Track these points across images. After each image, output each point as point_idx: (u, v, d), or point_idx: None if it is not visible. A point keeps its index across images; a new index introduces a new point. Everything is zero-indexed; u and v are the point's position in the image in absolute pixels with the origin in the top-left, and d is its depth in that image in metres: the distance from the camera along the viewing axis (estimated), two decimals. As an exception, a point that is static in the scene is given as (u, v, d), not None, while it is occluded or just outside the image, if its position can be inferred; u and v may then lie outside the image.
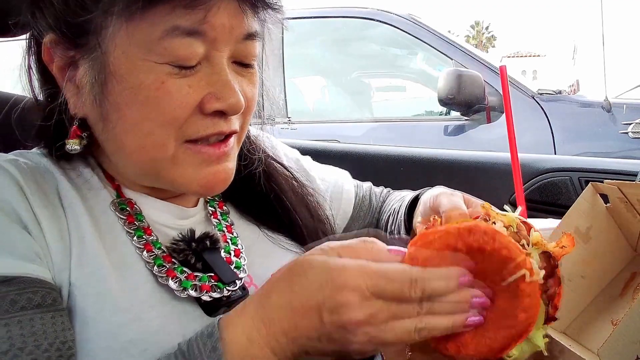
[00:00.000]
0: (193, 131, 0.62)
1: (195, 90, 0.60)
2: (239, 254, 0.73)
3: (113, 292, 0.60)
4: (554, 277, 0.52)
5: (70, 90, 0.63)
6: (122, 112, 0.60)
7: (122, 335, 0.58)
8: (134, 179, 0.69)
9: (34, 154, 0.69)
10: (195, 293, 0.64)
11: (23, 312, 0.54)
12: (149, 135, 0.61)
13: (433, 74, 3.08)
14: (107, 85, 0.60)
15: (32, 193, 0.60)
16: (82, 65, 0.61)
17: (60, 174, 0.66)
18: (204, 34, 0.59)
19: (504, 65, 0.80)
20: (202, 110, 0.61)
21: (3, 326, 0.52)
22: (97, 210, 0.66)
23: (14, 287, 0.54)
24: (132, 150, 0.62)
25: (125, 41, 0.58)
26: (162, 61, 0.58)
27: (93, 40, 0.59)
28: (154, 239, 0.67)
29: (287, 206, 0.82)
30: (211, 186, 0.65)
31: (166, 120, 0.60)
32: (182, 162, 0.63)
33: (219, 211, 0.79)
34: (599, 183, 0.71)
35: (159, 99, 0.59)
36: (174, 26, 0.57)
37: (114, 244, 0.64)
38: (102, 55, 0.59)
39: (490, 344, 0.51)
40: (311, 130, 2.85)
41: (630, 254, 0.74)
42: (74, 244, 0.61)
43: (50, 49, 0.63)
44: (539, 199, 1.30)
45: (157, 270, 0.64)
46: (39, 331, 0.54)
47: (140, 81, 0.58)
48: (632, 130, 2.35)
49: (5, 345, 0.52)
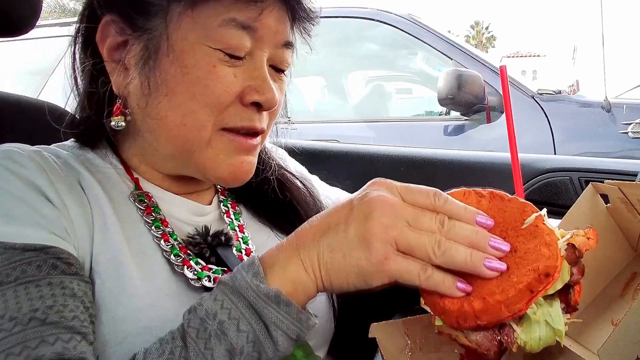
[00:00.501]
0: (230, 120, 0.67)
1: (239, 81, 0.66)
2: (250, 254, 0.75)
3: (131, 279, 0.62)
4: (578, 265, 0.52)
5: (115, 68, 0.68)
6: (170, 88, 0.65)
7: (138, 321, 0.60)
8: (161, 162, 0.72)
9: (54, 149, 0.71)
10: (209, 283, 0.66)
11: (52, 274, 0.55)
12: (191, 113, 0.65)
13: (433, 74, 3.08)
14: (162, 62, 0.65)
15: (57, 181, 0.63)
16: (134, 46, 0.67)
17: (81, 167, 0.69)
18: (255, 30, 0.65)
19: (504, 65, 0.80)
20: (242, 100, 0.67)
21: (34, 287, 0.53)
22: (117, 201, 0.68)
23: (43, 255, 0.56)
24: (172, 127, 0.66)
25: (189, 25, 0.64)
26: (217, 47, 0.64)
27: (157, 21, 0.65)
28: (170, 230, 0.69)
29: (300, 213, 0.84)
30: (235, 174, 0.69)
31: (210, 102, 0.65)
32: (215, 147, 0.67)
33: (232, 211, 0.81)
34: (600, 183, 0.71)
35: (208, 81, 0.64)
36: (232, 18, 0.64)
37: (133, 233, 0.66)
38: (161, 35, 0.65)
39: (517, 284, 0.49)
40: (312, 130, 2.85)
41: (631, 254, 0.74)
42: (96, 230, 0.63)
43: (106, 29, 0.68)
44: (539, 199, 1.30)
45: (174, 259, 0.66)
46: (68, 292, 0.55)
47: (195, 61, 0.64)
48: (632, 130, 2.35)
49: (38, 303, 0.52)
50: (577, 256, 0.52)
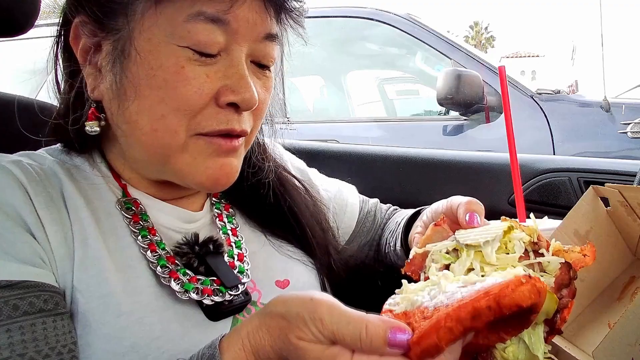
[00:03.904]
0: (206, 124, 0.62)
1: (212, 80, 0.61)
2: (243, 259, 0.73)
3: (116, 295, 0.60)
4: (570, 287, 0.51)
5: (90, 72, 0.65)
6: (139, 92, 0.61)
7: (125, 339, 0.58)
8: (141, 168, 0.69)
9: (40, 155, 0.69)
10: (197, 296, 0.64)
11: (25, 317, 0.54)
12: (162, 118, 0.61)
13: (432, 73, 3.08)
14: (129, 64, 0.61)
15: (36, 195, 0.60)
16: (105, 47, 0.63)
17: (64, 176, 0.66)
18: (227, 23, 0.60)
19: (503, 66, 0.80)
20: (217, 101, 0.62)
21: (5, 332, 0.52)
22: (101, 212, 0.66)
23: (16, 291, 0.54)
24: (144, 132, 0.63)
25: (152, 22, 0.60)
26: (184, 44, 0.59)
27: (121, 20, 0.61)
28: (158, 239, 0.67)
29: (299, 217, 0.82)
30: (216, 178, 0.65)
31: (181, 105, 0.60)
32: (191, 151, 0.63)
33: (225, 213, 0.78)
34: (600, 186, 0.71)
35: (176, 83, 0.60)
36: (199, 11, 0.59)
37: (117, 246, 0.64)
38: (127, 35, 0.61)
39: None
40: (311, 130, 2.85)
41: (630, 257, 0.74)
42: (77, 247, 0.61)
43: (78, 30, 0.65)
44: (538, 199, 1.30)
45: (160, 270, 0.64)
46: (40, 336, 0.54)
47: (160, 62, 0.59)
48: (631, 130, 2.35)
49: (7, 352, 0.52)
50: (570, 277, 0.50)
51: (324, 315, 0.46)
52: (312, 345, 0.46)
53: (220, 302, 0.65)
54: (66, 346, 0.56)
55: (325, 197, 0.95)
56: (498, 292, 0.42)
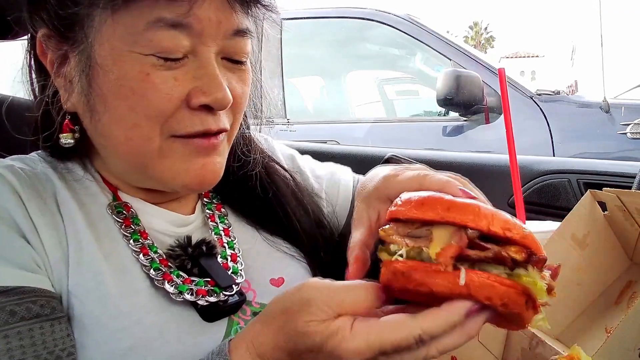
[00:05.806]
0: (180, 127, 0.61)
1: (182, 84, 0.59)
2: (236, 259, 0.73)
3: (112, 297, 0.60)
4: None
5: (61, 84, 0.63)
6: (108, 103, 0.60)
7: (122, 341, 0.58)
8: (124, 177, 0.68)
9: (32, 159, 0.68)
10: (191, 297, 0.64)
11: (22, 323, 0.54)
12: (134, 127, 0.60)
13: (431, 74, 3.08)
14: (94, 76, 0.59)
15: (29, 200, 0.60)
16: (72, 59, 0.61)
17: (58, 179, 0.66)
18: (189, 26, 0.58)
19: (503, 68, 0.80)
20: (189, 104, 0.60)
21: (2, 338, 0.53)
22: (94, 215, 0.65)
23: (13, 297, 0.55)
24: (119, 142, 0.61)
25: (111, 32, 0.58)
26: (147, 52, 0.57)
27: (81, 32, 0.59)
28: (150, 242, 0.66)
29: (287, 210, 0.81)
30: (200, 179, 0.64)
31: (152, 112, 0.59)
32: (169, 155, 0.62)
33: (217, 214, 0.78)
34: (598, 191, 0.71)
35: (144, 91, 0.58)
36: (158, 18, 0.56)
37: (111, 249, 0.64)
38: (89, 47, 0.59)
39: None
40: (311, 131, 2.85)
41: (626, 262, 0.74)
42: (71, 250, 0.61)
43: (44, 43, 0.63)
44: (537, 201, 1.30)
45: (154, 273, 0.64)
46: (38, 341, 0.54)
47: (125, 72, 0.58)
48: (630, 130, 2.35)
49: (5, 358, 0.52)
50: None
51: (322, 291, 0.48)
52: (321, 325, 0.47)
53: (215, 302, 0.65)
54: (65, 350, 0.56)
55: (317, 185, 0.92)
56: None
